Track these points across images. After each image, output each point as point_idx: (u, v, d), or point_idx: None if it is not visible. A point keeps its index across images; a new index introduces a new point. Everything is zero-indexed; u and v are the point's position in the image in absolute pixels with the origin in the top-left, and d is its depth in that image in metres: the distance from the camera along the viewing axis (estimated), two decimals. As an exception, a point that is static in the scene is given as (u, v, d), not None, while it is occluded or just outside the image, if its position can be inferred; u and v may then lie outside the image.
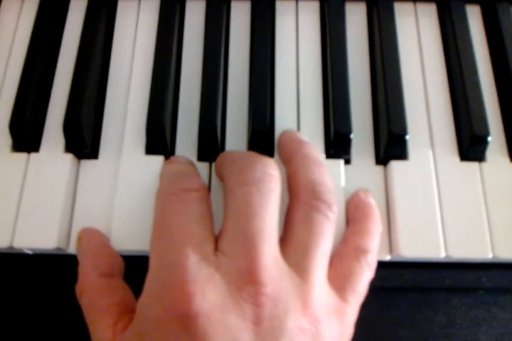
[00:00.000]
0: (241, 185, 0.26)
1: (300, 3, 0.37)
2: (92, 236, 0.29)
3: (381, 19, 0.36)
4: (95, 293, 0.27)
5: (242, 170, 0.26)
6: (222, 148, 0.32)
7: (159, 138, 0.31)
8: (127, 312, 0.26)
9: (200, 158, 0.32)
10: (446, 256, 0.29)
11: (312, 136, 0.32)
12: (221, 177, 0.29)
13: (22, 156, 0.31)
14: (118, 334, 0.25)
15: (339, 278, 0.27)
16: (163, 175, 0.30)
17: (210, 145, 0.32)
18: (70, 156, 0.31)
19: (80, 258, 0.29)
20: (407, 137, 0.31)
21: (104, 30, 0.35)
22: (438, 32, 0.36)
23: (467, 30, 0.36)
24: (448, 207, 0.30)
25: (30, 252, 0.31)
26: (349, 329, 0.26)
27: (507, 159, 0.32)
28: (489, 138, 0.31)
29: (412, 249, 0.29)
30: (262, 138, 0.31)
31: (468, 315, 0.32)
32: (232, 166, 0.27)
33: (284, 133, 0.31)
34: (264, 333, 0.23)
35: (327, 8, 0.36)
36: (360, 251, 0.28)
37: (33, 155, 0.31)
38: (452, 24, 0.36)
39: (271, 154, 0.32)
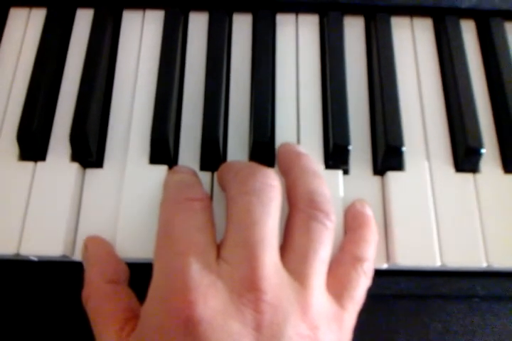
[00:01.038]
0: (242, 194, 0.26)
1: (300, 17, 0.38)
2: (98, 245, 0.30)
3: (378, 33, 0.37)
4: (101, 299, 0.28)
5: (244, 180, 0.27)
6: (224, 158, 0.33)
7: (163, 149, 0.32)
8: (132, 319, 0.27)
9: (203, 167, 0.33)
10: (442, 265, 0.30)
11: (311, 147, 0.33)
12: (223, 187, 0.30)
13: (29, 165, 0.32)
14: (123, 340, 0.26)
15: (337, 285, 0.27)
16: (167, 185, 0.30)
17: (213, 155, 0.32)
18: (75, 165, 0.32)
19: (86, 265, 0.29)
20: (404, 149, 0.32)
21: (109, 41, 0.36)
22: (434, 46, 0.37)
23: (462, 44, 0.37)
24: (443, 217, 0.31)
25: (35, 259, 0.31)
26: (347, 335, 0.27)
27: (500, 170, 0.33)
28: (483, 150, 0.32)
29: (409, 257, 0.30)
30: (263, 149, 0.32)
31: (464, 322, 0.33)
32: (234, 176, 0.28)
33: (282, 146, 0.32)
34: (265, 339, 0.23)
35: (326, 22, 0.37)
36: (357, 260, 0.28)
37: (40, 164, 0.32)
38: (447, 38, 0.37)
39: (271, 164, 0.32)
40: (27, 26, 0.37)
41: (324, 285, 0.27)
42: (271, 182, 0.27)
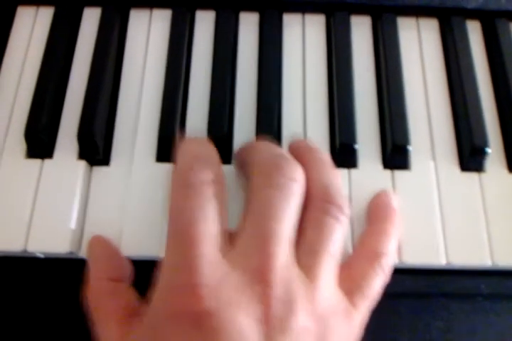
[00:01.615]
0: (266, 187, 0.26)
1: (307, 16, 0.38)
2: (100, 243, 0.30)
3: (385, 33, 0.37)
4: (103, 297, 0.28)
5: (269, 172, 0.27)
6: (230, 154, 0.33)
7: (170, 146, 0.32)
8: (133, 316, 0.26)
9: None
10: (447, 263, 0.30)
11: (318, 145, 0.33)
12: (241, 167, 0.30)
13: (36, 162, 0.32)
14: (124, 337, 0.26)
15: (350, 282, 0.27)
16: (178, 161, 0.28)
17: (219, 151, 0.32)
18: (83, 163, 0.32)
19: (90, 263, 0.29)
20: (410, 148, 0.32)
21: (117, 39, 0.36)
22: (439, 46, 0.38)
23: (467, 44, 0.37)
24: (448, 215, 0.31)
25: (42, 256, 0.32)
26: (356, 333, 0.26)
27: (505, 170, 0.33)
28: (488, 150, 0.32)
29: (414, 256, 0.30)
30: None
31: (467, 321, 0.33)
32: (260, 165, 0.27)
33: (293, 142, 0.32)
34: (272, 332, 0.23)
35: (333, 21, 0.37)
36: (375, 254, 0.28)
37: (47, 161, 0.32)
38: (453, 38, 0.37)
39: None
40: (34, 25, 0.38)
41: (335, 281, 0.27)
42: (296, 177, 0.27)
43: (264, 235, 0.25)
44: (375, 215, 0.30)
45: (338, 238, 0.27)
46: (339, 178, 0.29)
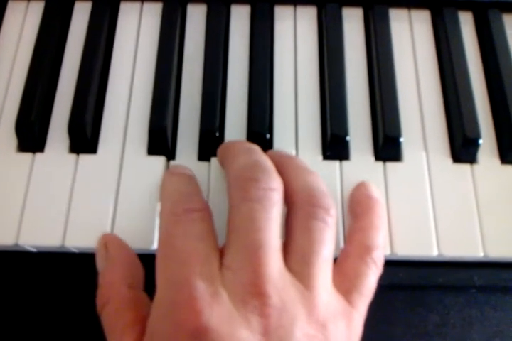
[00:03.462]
0: (244, 201, 0.26)
1: (298, 9, 0.38)
2: (120, 246, 0.29)
3: (377, 24, 0.37)
4: (122, 306, 0.27)
5: (245, 185, 0.26)
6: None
7: (161, 140, 0.32)
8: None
9: (201, 158, 0.33)
10: (439, 255, 0.30)
11: (310, 138, 0.33)
12: (222, 166, 0.31)
13: (27, 156, 0.32)
14: None
15: (344, 282, 0.27)
16: (164, 194, 0.30)
17: (211, 146, 0.32)
18: (74, 156, 0.32)
19: (107, 266, 0.28)
20: (402, 139, 0.32)
21: (107, 33, 0.36)
22: (431, 37, 0.37)
23: (460, 35, 0.37)
24: (441, 207, 0.31)
25: (34, 250, 0.32)
26: (357, 333, 0.26)
27: (497, 161, 0.33)
28: (480, 141, 0.32)
29: (406, 247, 0.30)
30: (261, 140, 0.32)
31: (462, 314, 0.33)
32: (236, 179, 0.27)
33: (270, 151, 0.32)
34: None
35: (324, 13, 0.37)
36: (365, 249, 0.28)
37: (38, 155, 0.32)
38: (445, 30, 0.37)
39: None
40: (25, 19, 0.37)
41: (330, 283, 0.26)
42: (273, 186, 0.26)
43: (250, 248, 0.25)
44: (358, 209, 0.29)
45: (328, 240, 0.26)
46: (320, 180, 0.28)
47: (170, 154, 0.33)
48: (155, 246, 0.30)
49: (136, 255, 0.29)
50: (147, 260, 0.31)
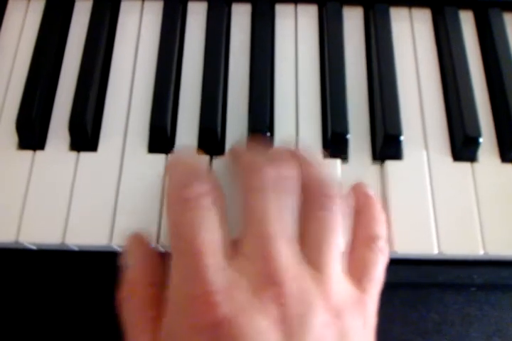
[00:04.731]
0: (259, 190, 0.26)
1: (299, 7, 0.38)
2: (144, 244, 0.29)
3: (377, 23, 0.37)
4: (143, 303, 0.27)
5: (259, 174, 0.27)
6: (223, 145, 0.33)
7: (162, 137, 0.32)
8: None
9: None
10: (439, 253, 0.30)
11: (310, 136, 0.33)
12: (235, 172, 0.30)
13: (28, 154, 0.32)
14: None
15: (355, 269, 0.27)
16: (171, 178, 0.29)
17: (211, 143, 0.32)
18: (74, 154, 0.32)
19: (131, 262, 0.28)
20: (402, 138, 0.32)
21: (108, 31, 0.36)
22: (432, 36, 0.38)
23: (460, 34, 0.37)
24: (441, 205, 0.31)
25: (34, 247, 0.32)
26: (371, 319, 0.27)
27: (498, 159, 0.33)
28: (481, 140, 0.32)
29: (406, 245, 0.30)
30: (262, 137, 0.32)
31: (461, 312, 0.33)
32: (249, 170, 0.27)
33: (273, 148, 0.32)
34: (291, 331, 0.23)
35: (325, 12, 0.37)
36: (371, 239, 0.28)
37: (39, 152, 0.32)
38: (446, 29, 0.37)
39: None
40: (26, 17, 0.37)
41: (343, 271, 0.27)
42: (288, 174, 0.27)
43: (265, 237, 0.25)
44: (357, 206, 0.30)
45: (337, 229, 0.27)
46: (323, 168, 0.29)
47: (170, 152, 0.32)
48: (155, 243, 0.30)
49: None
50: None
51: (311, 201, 0.27)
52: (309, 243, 0.26)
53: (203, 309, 0.23)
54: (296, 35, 0.37)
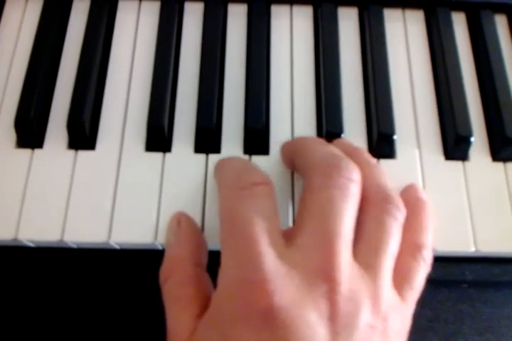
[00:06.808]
0: (326, 187, 0.26)
1: (294, 8, 0.39)
2: (191, 224, 0.30)
3: (371, 24, 0.37)
4: (185, 280, 0.27)
5: (329, 172, 0.27)
6: (219, 143, 0.33)
7: (159, 136, 0.32)
8: (207, 307, 0.26)
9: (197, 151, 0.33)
10: (432, 250, 0.31)
11: (305, 134, 0.34)
12: (290, 166, 0.31)
13: (26, 152, 0.32)
14: (192, 334, 0.25)
15: (398, 276, 0.27)
16: (223, 171, 0.30)
17: (208, 142, 0.33)
18: (72, 152, 0.32)
19: (176, 241, 0.29)
20: (395, 137, 0.33)
21: (105, 31, 0.37)
22: (425, 36, 0.38)
23: (452, 35, 0.37)
24: (433, 203, 0.32)
25: (32, 245, 0.32)
26: (407, 325, 0.27)
27: (489, 158, 0.34)
28: (472, 139, 0.33)
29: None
30: (259, 136, 0.33)
31: (453, 309, 0.34)
32: (319, 166, 0.27)
33: (336, 141, 0.32)
34: (339, 329, 0.23)
35: (320, 13, 0.38)
36: (416, 247, 0.28)
37: (37, 151, 0.32)
38: (438, 29, 0.37)
39: (266, 153, 0.33)
40: (24, 16, 0.38)
41: (391, 278, 0.27)
42: (354, 177, 0.27)
43: (327, 234, 0.25)
44: (408, 210, 0.29)
45: (397, 236, 0.27)
46: (387, 176, 0.29)
47: (167, 150, 0.33)
48: (154, 241, 0.30)
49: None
50: (149, 256, 0.31)
51: (378, 205, 0.27)
52: (367, 245, 0.26)
53: (258, 295, 0.23)
54: (292, 35, 0.37)
